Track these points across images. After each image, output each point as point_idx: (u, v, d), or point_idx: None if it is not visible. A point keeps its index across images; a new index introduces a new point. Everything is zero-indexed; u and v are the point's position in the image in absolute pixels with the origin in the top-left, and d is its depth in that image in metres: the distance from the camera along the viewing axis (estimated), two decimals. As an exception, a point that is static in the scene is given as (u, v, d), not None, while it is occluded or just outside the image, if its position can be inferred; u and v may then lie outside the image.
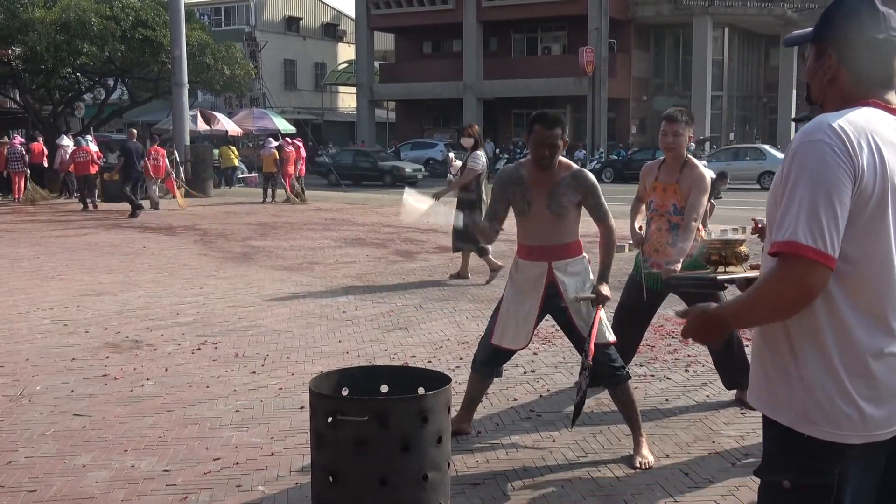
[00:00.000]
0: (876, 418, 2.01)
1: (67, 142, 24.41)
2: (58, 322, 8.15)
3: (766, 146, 32.18)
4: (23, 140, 23.47)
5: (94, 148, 22.78)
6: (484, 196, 9.99)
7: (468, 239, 9.69)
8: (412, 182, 27.12)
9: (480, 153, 10.03)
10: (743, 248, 2.99)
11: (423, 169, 34.21)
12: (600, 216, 4.71)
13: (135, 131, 22.32)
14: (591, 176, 4.76)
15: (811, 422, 2.01)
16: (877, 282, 2.00)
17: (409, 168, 33.21)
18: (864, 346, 2.00)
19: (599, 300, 4.62)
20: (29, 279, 10.67)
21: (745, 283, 2.64)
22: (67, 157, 23.10)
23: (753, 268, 2.74)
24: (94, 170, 21.89)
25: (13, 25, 31.95)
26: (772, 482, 2.08)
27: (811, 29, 2.22)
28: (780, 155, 28.78)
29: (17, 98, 36.87)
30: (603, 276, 4.67)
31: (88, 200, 21.26)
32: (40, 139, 27.07)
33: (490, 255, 10.31)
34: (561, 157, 4.74)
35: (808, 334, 2.01)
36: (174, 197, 22.52)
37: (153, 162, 21.25)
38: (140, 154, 19.87)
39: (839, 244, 1.93)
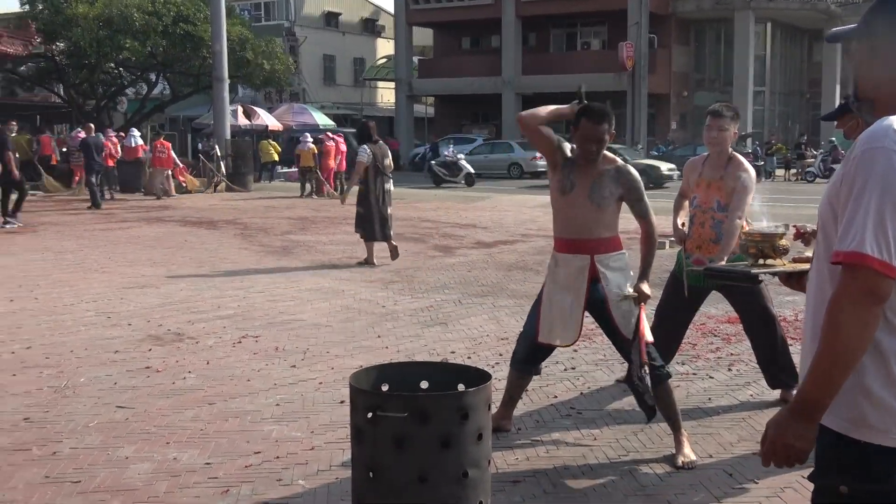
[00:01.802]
0: None
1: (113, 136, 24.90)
2: (101, 314, 8.24)
3: (514, 142, 35.09)
4: (82, 135, 24.04)
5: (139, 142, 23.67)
6: (373, 187, 11.24)
7: (360, 224, 11.41)
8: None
9: (366, 147, 11.23)
10: (783, 242, 2.92)
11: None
12: (641, 212, 4.66)
13: (92, 126, 22.82)
14: (635, 171, 4.72)
15: (868, 427, 1.96)
16: None
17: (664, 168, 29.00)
18: None
19: (641, 298, 4.57)
20: (73, 272, 10.80)
21: (785, 278, 2.58)
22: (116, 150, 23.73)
23: (796, 261, 2.67)
24: (111, 163, 22.91)
25: (57, 21, 32.39)
26: (827, 487, 2.04)
27: (856, 24, 2.16)
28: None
29: (62, 92, 37.37)
30: (644, 274, 4.62)
31: (107, 189, 22.32)
32: (48, 132, 27.83)
33: (373, 244, 11.55)
34: (606, 152, 4.70)
35: None
36: (184, 185, 23.69)
37: (159, 154, 22.87)
38: (99, 148, 20.52)
39: None
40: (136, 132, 26.02)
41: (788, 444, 1.96)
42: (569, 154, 4.75)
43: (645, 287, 4.57)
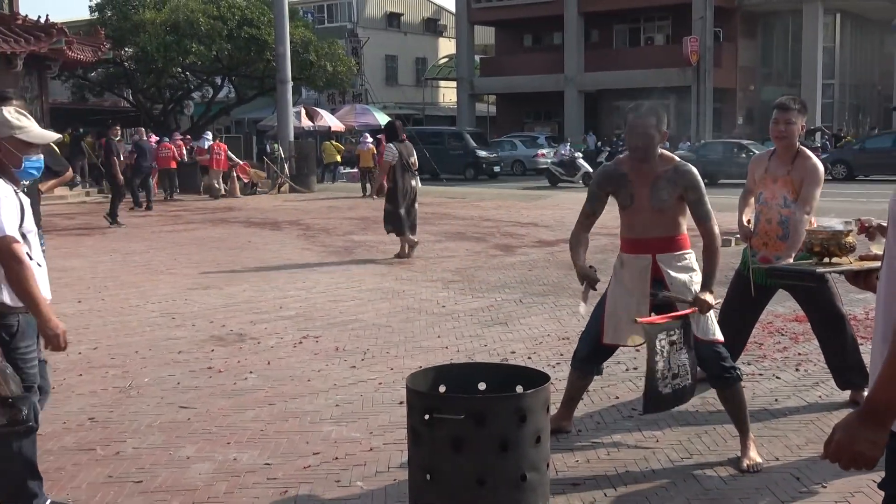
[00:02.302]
0: None
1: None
2: (166, 315, 8.36)
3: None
4: (157, 137, 24.86)
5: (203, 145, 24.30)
6: (400, 184, 11.69)
7: (388, 220, 11.89)
8: None
9: (392, 146, 11.69)
10: (849, 239, 2.81)
11: None
12: (701, 216, 4.48)
13: (143, 130, 23.33)
14: (694, 171, 4.58)
15: None
16: None
17: None
18: None
19: (701, 309, 4.39)
20: (140, 273, 10.99)
21: (852, 276, 2.48)
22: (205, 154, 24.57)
23: (864, 259, 2.56)
24: (173, 165, 23.69)
25: (125, 27, 33.08)
26: (897, 496, 1.95)
27: None
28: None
29: (130, 97, 38.12)
30: (706, 285, 4.45)
31: (166, 191, 23.34)
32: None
33: (410, 236, 11.97)
34: (663, 151, 4.60)
35: None
36: (249, 182, 24.69)
37: (215, 156, 23.91)
38: (146, 151, 20.78)
39: None
40: (208, 135, 26.48)
41: (858, 451, 1.87)
42: (620, 170, 4.65)
43: (707, 297, 4.39)
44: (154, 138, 24.03)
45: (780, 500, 4.09)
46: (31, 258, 3.68)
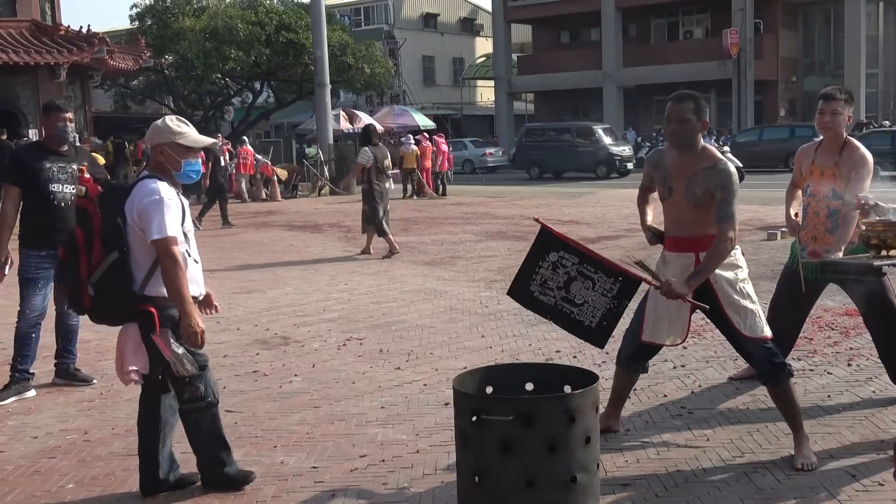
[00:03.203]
0: None
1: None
2: (211, 319, 8.34)
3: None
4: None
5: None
6: (376, 186, 12.22)
7: (367, 221, 12.39)
8: None
9: (367, 149, 12.24)
10: (908, 230, 2.73)
11: None
12: (722, 216, 4.32)
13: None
14: (732, 171, 4.42)
15: None
16: None
17: None
18: None
19: (664, 292, 4.29)
20: (183, 278, 11.05)
21: None
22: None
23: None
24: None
25: (165, 35, 33.47)
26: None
27: None
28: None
29: (171, 104, 38.54)
30: (692, 276, 4.32)
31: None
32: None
33: (390, 236, 12.46)
34: (707, 146, 4.52)
35: None
36: (290, 186, 25.38)
37: (242, 160, 24.33)
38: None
39: None
40: (245, 139, 26.71)
41: None
42: (664, 159, 4.59)
43: (679, 286, 4.25)
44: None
45: (836, 498, 4.00)
46: (189, 255, 4.07)
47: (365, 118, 34.53)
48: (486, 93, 54.66)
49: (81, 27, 23.69)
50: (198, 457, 4.36)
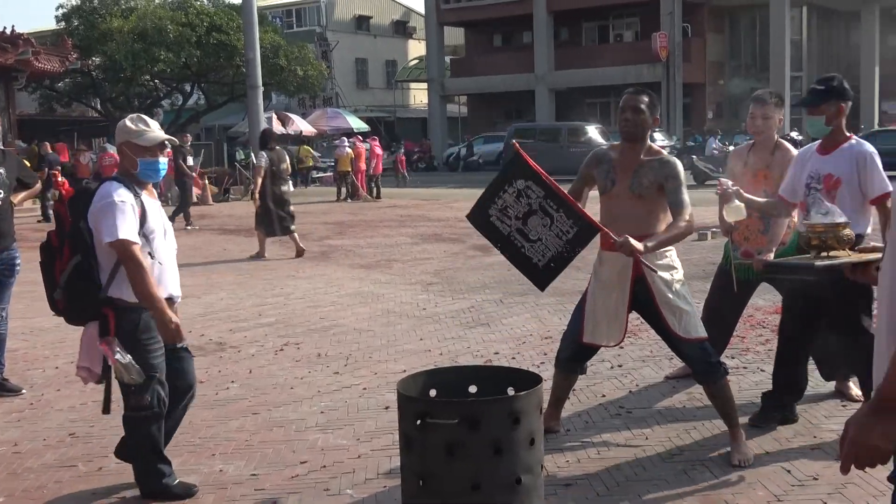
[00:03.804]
0: None
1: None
2: (143, 326, 8.24)
3: None
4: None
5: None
6: (269, 189, 12.60)
7: (259, 223, 12.78)
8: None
9: (263, 153, 12.77)
10: (847, 231, 2.80)
11: None
12: (678, 203, 4.39)
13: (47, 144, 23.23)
14: (678, 164, 4.57)
15: None
16: None
17: None
18: None
19: (620, 246, 4.21)
20: (114, 284, 10.83)
21: (849, 269, 2.46)
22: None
23: (862, 251, 2.54)
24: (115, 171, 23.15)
25: (92, 36, 32.80)
26: (909, 489, 1.93)
27: None
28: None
29: (98, 107, 37.79)
30: (650, 240, 4.30)
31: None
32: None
33: (265, 240, 12.90)
34: (653, 144, 4.59)
35: None
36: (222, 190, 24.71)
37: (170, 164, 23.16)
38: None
39: None
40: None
41: (873, 446, 1.84)
42: (607, 154, 4.64)
43: (637, 243, 4.19)
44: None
45: (772, 493, 4.08)
46: (152, 257, 4.06)
47: (298, 121, 34.32)
48: (419, 95, 54.67)
49: (5, 28, 23.15)
50: (134, 466, 4.31)
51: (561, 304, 8.45)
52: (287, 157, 13.26)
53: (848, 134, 4.79)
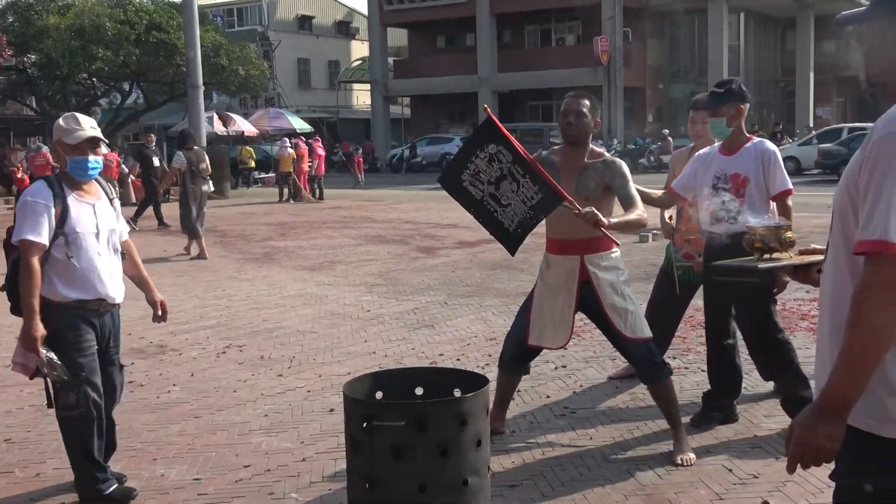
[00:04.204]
0: None
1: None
2: (81, 329, 8.08)
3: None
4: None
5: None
6: (190, 189, 12.72)
7: (184, 224, 12.83)
8: None
9: (181, 153, 12.84)
10: (788, 234, 2.85)
11: None
12: (630, 198, 4.48)
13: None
14: (622, 163, 4.62)
15: (893, 423, 1.89)
16: None
17: None
18: None
19: (584, 216, 4.21)
20: (51, 286, 10.61)
21: (791, 270, 2.50)
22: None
23: (802, 253, 2.59)
24: (48, 172, 22.91)
25: (28, 33, 32.11)
26: (850, 486, 1.96)
27: (865, 7, 2.09)
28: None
29: (34, 105, 37.02)
30: (613, 218, 4.34)
31: None
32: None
33: (202, 240, 12.81)
34: (594, 147, 4.63)
35: None
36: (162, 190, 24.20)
37: (106, 165, 23.00)
38: None
39: None
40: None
41: (818, 446, 1.88)
42: (550, 158, 4.65)
43: (600, 216, 4.20)
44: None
45: (714, 492, 4.14)
46: (69, 258, 4.01)
47: (239, 121, 33.96)
48: (362, 96, 54.50)
49: (-64, 23, 22.52)
50: (72, 468, 4.27)
51: (505, 305, 8.48)
52: (206, 157, 13.41)
53: (748, 134, 4.93)
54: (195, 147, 13.25)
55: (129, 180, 24.20)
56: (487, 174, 4.27)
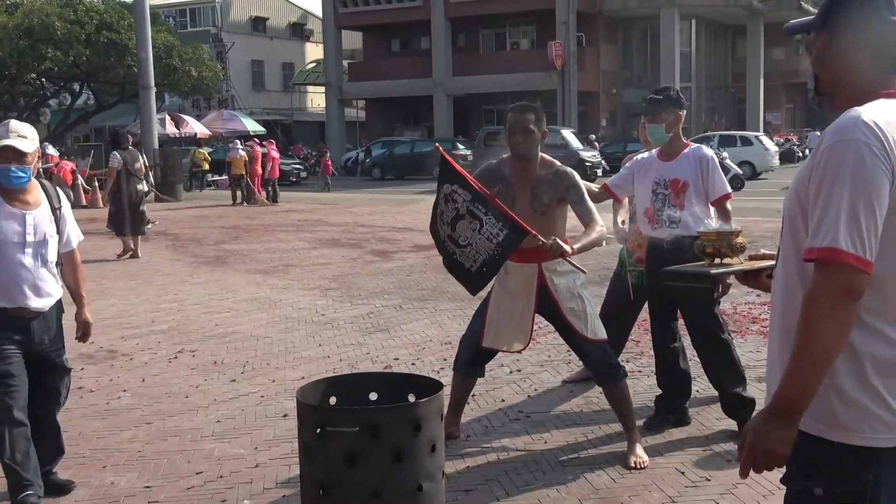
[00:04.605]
0: None
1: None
2: (29, 334, 7.93)
3: None
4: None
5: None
6: (124, 188, 12.74)
7: (114, 223, 13.03)
8: None
9: (116, 153, 12.92)
10: (739, 239, 2.88)
11: None
12: (586, 211, 4.49)
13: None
14: (574, 172, 4.63)
15: (842, 428, 1.92)
16: None
17: None
18: (894, 347, 1.91)
19: (551, 247, 4.21)
20: (-2, 290, 10.41)
21: (741, 276, 2.53)
22: None
23: (752, 258, 2.63)
24: None
25: (-26, 32, 31.46)
26: (801, 490, 1.99)
27: (813, 17, 2.12)
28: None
29: (-19, 105, 36.31)
30: (577, 241, 4.34)
31: None
32: None
33: (129, 240, 13.00)
34: (543, 155, 4.63)
35: None
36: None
37: (57, 167, 23.40)
38: None
39: (876, 248, 1.83)
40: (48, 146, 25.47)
41: (770, 450, 1.90)
42: (502, 170, 4.64)
43: (564, 245, 4.22)
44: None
45: (667, 495, 4.17)
46: None
47: (192, 123, 33.67)
48: (316, 98, 54.27)
49: None
50: None
51: (461, 309, 8.48)
52: (141, 157, 13.57)
53: (686, 141, 5.01)
54: (130, 147, 13.38)
55: (79, 183, 23.87)
56: (447, 215, 4.28)
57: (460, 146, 37.07)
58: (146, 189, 13.71)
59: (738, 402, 4.98)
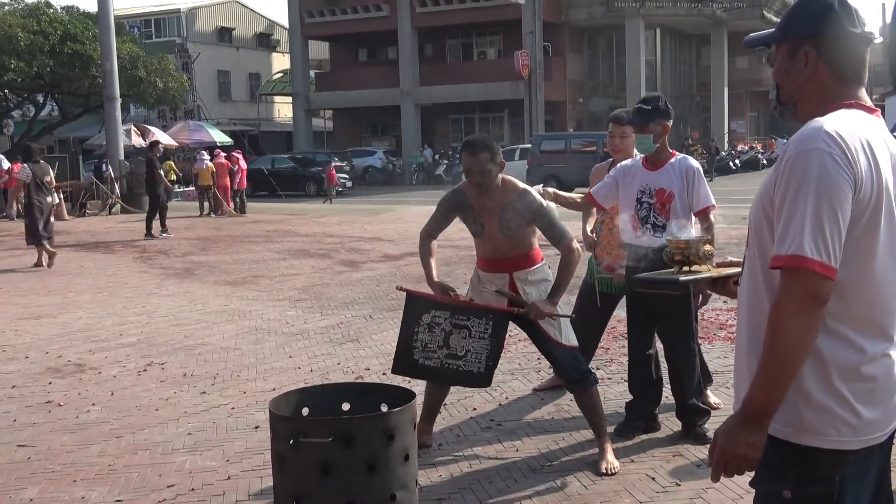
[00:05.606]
0: (873, 422, 1.98)
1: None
2: (-5, 348, 7.86)
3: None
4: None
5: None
6: (35, 200, 13.05)
7: (30, 235, 13.24)
8: None
9: (26, 166, 13.30)
10: (707, 247, 2.93)
11: None
12: (555, 237, 4.54)
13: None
14: (536, 196, 4.60)
15: (809, 431, 1.96)
16: (869, 288, 1.97)
17: None
18: (858, 352, 1.96)
19: (531, 313, 4.47)
20: (-38, 304, 10.30)
21: (710, 283, 2.57)
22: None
23: (720, 265, 2.67)
24: None
25: (-65, 42, 31.09)
26: (770, 493, 2.03)
27: (773, 29, 2.17)
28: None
29: (-58, 117, 35.83)
30: (553, 293, 4.53)
31: None
32: None
33: (46, 245, 13.25)
34: (507, 178, 4.64)
35: None
36: (79, 205, 23.95)
37: (14, 176, 22.61)
38: None
39: (840, 255, 1.88)
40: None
41: (741, 454, 1.94)
42: (467, 201, 4.67)
43: (545, 305, 4.46)
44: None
45: (638, 500, 4.21)
46: None
47: (158, 133, 33.37)
48: (283, 109, 54.09)
49: None
50: None
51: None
52: (51, 171, 13.95)
53: (671, 150, 5.06)
54: (40, 161, 13.74)
55: (60, 194, 23.45)
56: (434, 341, 4.52)
57: (427, 155, 37.19)
58: (55, 202, 14.26)
59: (695, 410, 5.06)
